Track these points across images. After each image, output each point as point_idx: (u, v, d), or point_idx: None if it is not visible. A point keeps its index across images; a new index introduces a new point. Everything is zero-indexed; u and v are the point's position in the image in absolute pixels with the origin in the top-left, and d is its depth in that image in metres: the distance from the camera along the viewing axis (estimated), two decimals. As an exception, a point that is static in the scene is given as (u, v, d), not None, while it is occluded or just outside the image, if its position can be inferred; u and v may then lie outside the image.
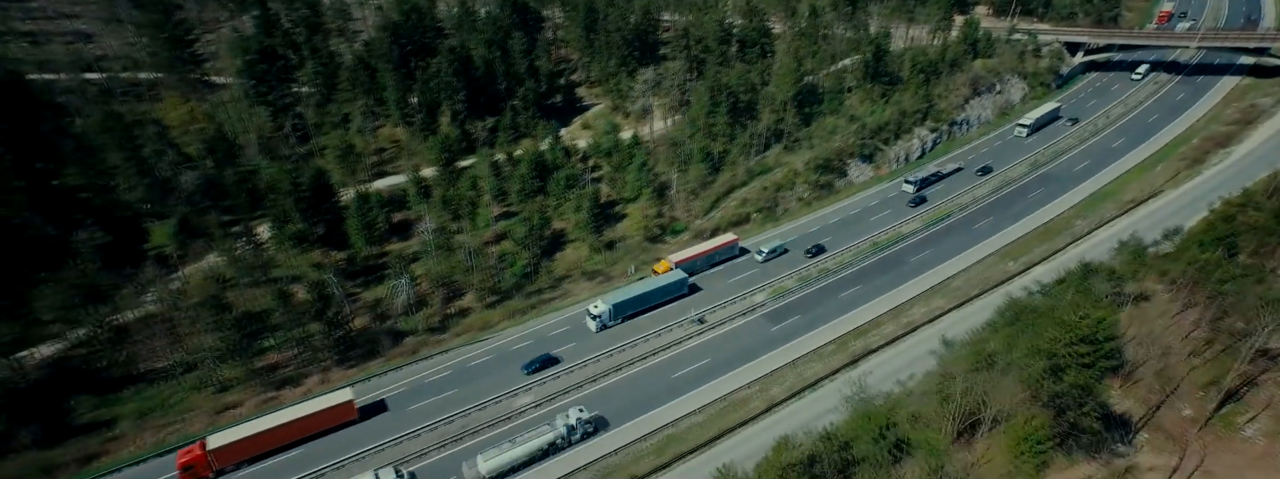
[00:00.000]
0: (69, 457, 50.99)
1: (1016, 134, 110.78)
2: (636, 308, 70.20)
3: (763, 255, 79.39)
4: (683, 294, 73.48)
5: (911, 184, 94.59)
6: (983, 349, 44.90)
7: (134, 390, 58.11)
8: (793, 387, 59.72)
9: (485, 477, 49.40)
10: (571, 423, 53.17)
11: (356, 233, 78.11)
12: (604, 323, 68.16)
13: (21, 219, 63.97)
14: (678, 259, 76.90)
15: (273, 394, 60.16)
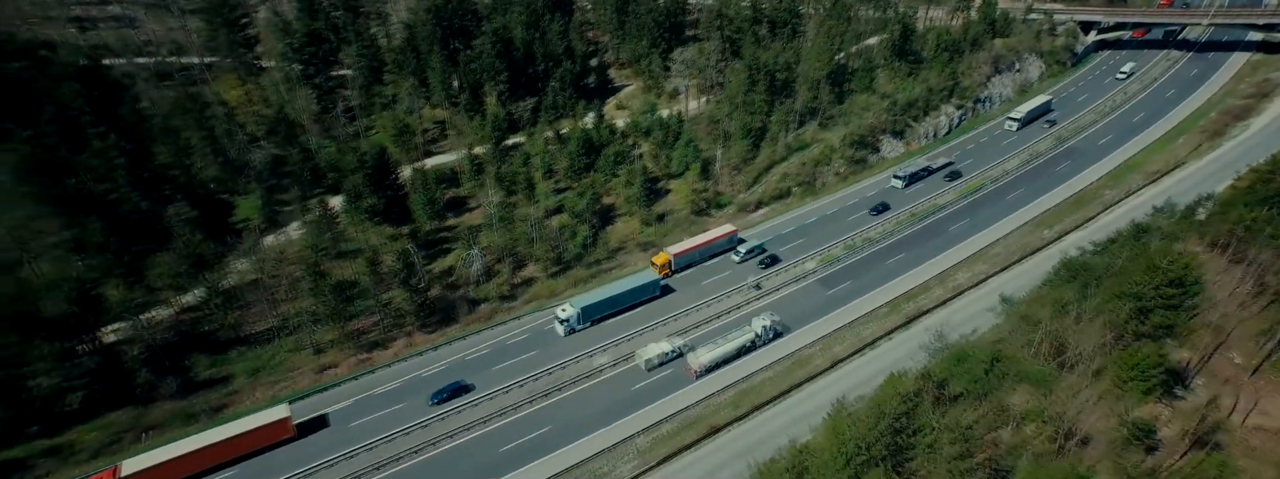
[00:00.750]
0: (199, 408, 53.92)
1: (1007, 128, 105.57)
2: (606, 311, 66.14)
3: (739, 256, 74.85)
4: (655, 296, 69.32)
5: (900, 179, 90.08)
6: (1055, 299, 47.00)
7: (240, 351, 60.49)
8: (853, 345, 62.27)
9: (700, 368, 58.79)
10: (765, 326, 62.29)
11: (420, 207, 79.79)
12: (572, 327, 64.23)
13: (119, 194, 65.56)
14: (676, 251, 73.69)
15: (365, 355, 62.41)
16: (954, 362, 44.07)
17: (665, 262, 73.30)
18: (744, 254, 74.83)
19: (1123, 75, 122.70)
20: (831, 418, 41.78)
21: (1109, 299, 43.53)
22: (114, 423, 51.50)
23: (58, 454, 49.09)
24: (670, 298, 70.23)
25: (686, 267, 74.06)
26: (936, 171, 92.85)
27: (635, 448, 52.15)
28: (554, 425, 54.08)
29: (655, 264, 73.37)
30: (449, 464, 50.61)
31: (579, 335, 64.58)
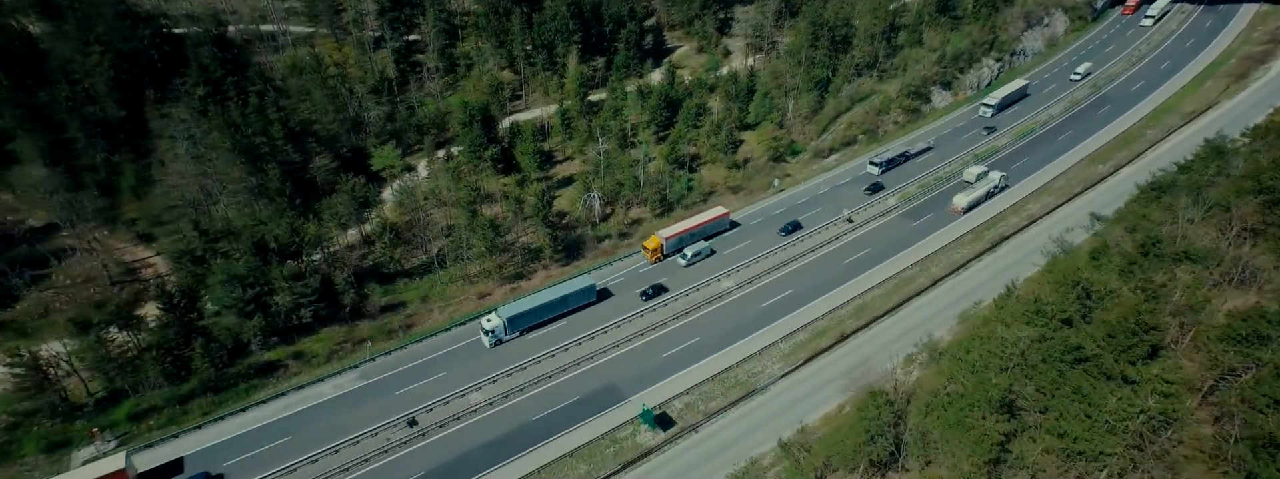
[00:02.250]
0: (393, 326, 57.95)
1: (981, 114, 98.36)
2: (537, 319, 58.83)
3: (686, 259, 67.10)
4: (591, 302, 61.89)
5: (877, 165, 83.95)
6: (1168, 202, 50.90)
7: (404, 282, 64.02)
8: (948, 267, 66.68)
9: (962, 207, 73.46)
10: (1003, 175, 77.29)
11: (526, 157, 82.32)
12: (498, 338, 56.76)
13: (274, 147, 67.62)
14: (668, 234, 68.54)
15: (513, 285, 66.33)
16: (1089, 258, 47.89)
17: (657, 245, 68.10)
18: (690, 259, 67.14)
19: (1076, 77, 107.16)
20: (998, 302, 45.34)
21: (1229, 193, 47.61)
22: (332, 336, 55.81)
23: (299, 358, 53.72)
24: (602, 305, 62.22)
25: (678, 250, 69.01)
26: (913, 157, 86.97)
27: (779, 351, 57.01)
28: (702, 336, 58.71)
29: (647, 248, 68.56)
30: (625, 364, 55.26)
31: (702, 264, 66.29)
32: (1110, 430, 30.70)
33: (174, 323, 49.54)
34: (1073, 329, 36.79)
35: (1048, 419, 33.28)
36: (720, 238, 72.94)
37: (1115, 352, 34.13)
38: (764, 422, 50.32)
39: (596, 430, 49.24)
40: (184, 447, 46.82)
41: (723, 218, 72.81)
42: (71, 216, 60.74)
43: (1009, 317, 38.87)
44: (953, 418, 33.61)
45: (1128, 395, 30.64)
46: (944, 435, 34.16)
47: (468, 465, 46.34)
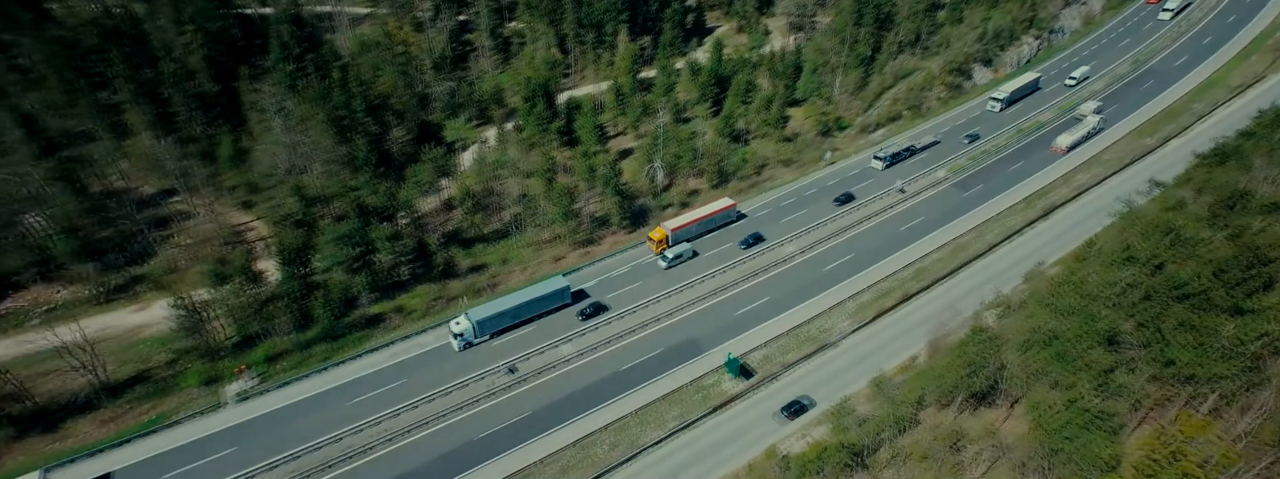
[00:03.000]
0: (479, 285, 60.77)
1: (990, 108, 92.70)
2: (509, 322, 55.51)
3: (666, 261, 63.57)
4: (566, 304, 58.34)
5: (881, 160, 79.42)
6: (1238, 164, 51.49)
7: (482, 246, 66.64)
8: (1003, 232, 67.85)
9: (1065, 146, 78.86)
10: (1102, 117, 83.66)
11: (586, 130, 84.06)
12: (468, 341, 53.73)
13: (355, 119, 70.02)
14: (673, 226, 65.85)
15: (585, 249, 68.70)
16: (1164, 213, 48.69)
17: (662, 237, 65.45)
18: (671, 261, 63.80)
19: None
20: (1080, 254, 46.36)
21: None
22: (426, 293, 58.65)
23: (400, 312, 56.77)
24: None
25: (682, 242, 66.65)
26: (919, 152, 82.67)
27: (845, 310, 59.04)
28: (772, 296, 60.78)
29: (652, 239, 65.87)
30: (703, 320, 57.52)
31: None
32: (1225, 356, 32.35)
33: (294, 277, 52.67)
34: (1169, 271, 37.66)
35: (1151, 351, 34.87)
36: (748, 220, 71.93)
37: (1226, 286, 35.38)
38: (839, 372, 52.56)
39: (683, 378, 51.84)
40: (311, 387, 50.27)
41: (729, 209, 69.54)
42: (184, 184, 63.98)
43: (1095, 265, 40.29)
44: (1055, 352, 35.38)
45: (1244, 323, 32.10)
46: (1043, 368, 36.04)
47: (569, 407, 49.28)
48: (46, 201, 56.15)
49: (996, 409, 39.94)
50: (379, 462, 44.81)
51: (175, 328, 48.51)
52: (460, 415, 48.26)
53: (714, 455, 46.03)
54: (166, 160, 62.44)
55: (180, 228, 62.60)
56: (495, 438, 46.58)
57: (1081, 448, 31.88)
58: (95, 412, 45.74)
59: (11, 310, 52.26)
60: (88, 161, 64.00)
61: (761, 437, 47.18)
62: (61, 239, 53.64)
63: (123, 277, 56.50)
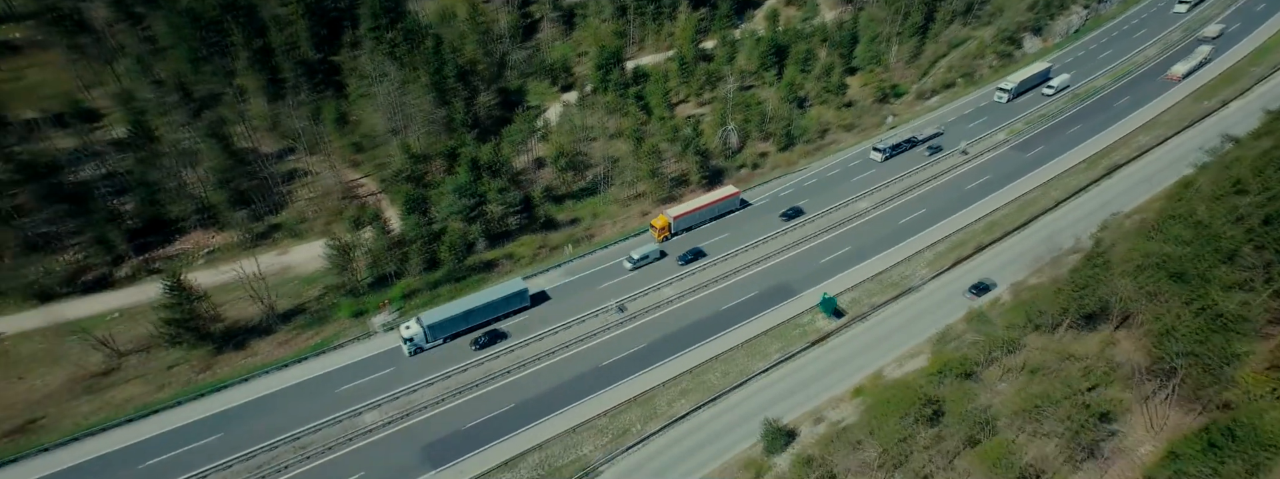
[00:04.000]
0: (578, 237, 63.72)
1: (997, 99, 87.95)
2: (463, 326, 51.94)
3: (632, 263, 59.64)
4: (525, 307, 54.85)
5: (880, 151, 75.27)
6: None
7: (572, 202, 69.46)
8: (1068, 190, 69.16)
9: (1181, 74, 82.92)
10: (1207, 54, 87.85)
11: (656, 96, 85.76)
12: (418, 346, 50.15)
13: (446, 84, 72.52)
14: (676, 214, 63.48)
15: (668, 205, 71.12)
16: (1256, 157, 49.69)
17: (665, 224, 63.01)
18: (636, 262, 59.64)
19: (1049, 91, 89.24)
20: (1175, 193, 47.69)
21: None
22: (531, 242, 61.75)
23: (510, 258, 60.07)
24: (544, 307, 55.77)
25: (687, 229, 64.38)
26: (921, 143, 78.04)
27: (923, 259, 61.33)
28: (852, 247, 63.10)
29: (655, 226, 63.26)
30: (791, 267, 60.09)
31: None
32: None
33: (419, 225, 55.88)
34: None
35: (1274, 270, 36.46)
36: (817, 181, 72.24)
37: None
38: (924, 312, 55.07)
39: (780, 317, 54.73)
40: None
41: (732, 197, 66.69)
42: (304, 144, 67.26)
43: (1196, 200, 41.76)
44: (1169, 272, 37.28)
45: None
46: (1158, 289, 38.11)
47: (678, 341, 52.42)
48: (201, 157, 59.99)
49: (1099, 333, 42.23)
50: (522, 381, 48.67)
51: (327, 267, 52.35)
52: (584, 346, 51.79)
53: (818, 382, 49.31)
54: (293, 121, 65.56)
55: (303, 183, 66.11)
56: (618, 365, 50.08)
57: (1212, 349, 33.81)
58: (272, 335, 50.18)
59: (180, 252, 56.65)
60: (220, 123, 67.35)
61: (861, 368, 50.04)
62: (217, 190, 57.44)
63: (263, 225, 60.31)
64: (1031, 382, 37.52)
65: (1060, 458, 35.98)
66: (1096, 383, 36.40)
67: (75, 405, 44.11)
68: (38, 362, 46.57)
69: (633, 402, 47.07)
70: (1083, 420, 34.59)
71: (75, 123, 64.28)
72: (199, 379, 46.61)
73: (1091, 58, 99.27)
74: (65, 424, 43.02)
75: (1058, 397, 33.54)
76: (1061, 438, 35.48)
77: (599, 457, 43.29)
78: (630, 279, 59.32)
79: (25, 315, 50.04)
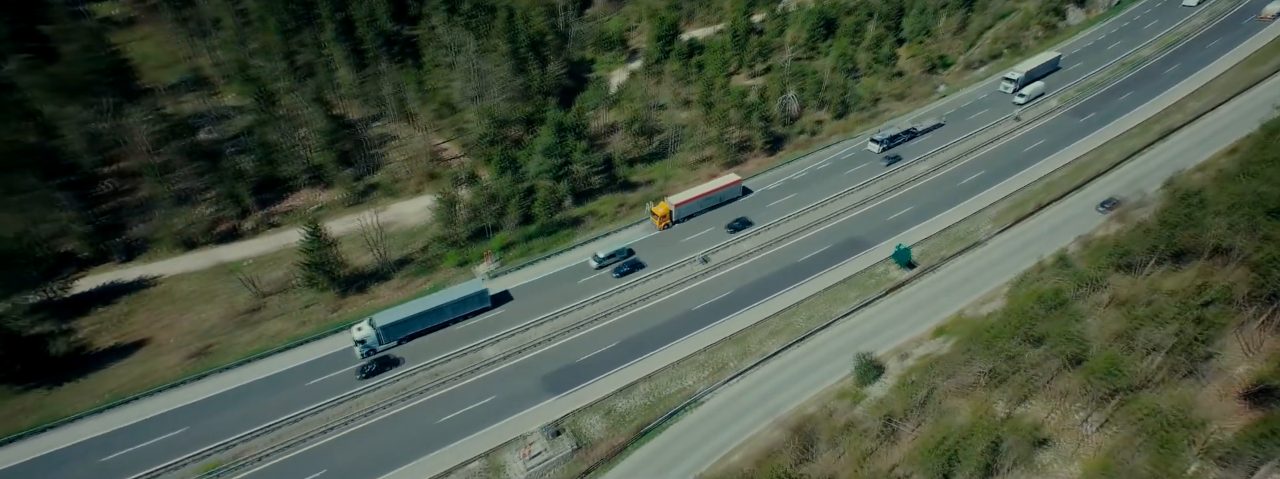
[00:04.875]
0: (653, 196, 65.66)
1: (1003, 89, 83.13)
2: (419, 327, 49.28)
3: (598, 261, 56.24)
4: (485, 308, 51.71)
5: (878, 143, 72.30)
6: None
7: (641, 165, 71.42)
8: (1124, 152, 70.00)
9: (1274, 13, 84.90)
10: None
11: (714, 66, 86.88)
12: (371, 348, 47.39)
13: (519, 54, 74.43)
14: (678, 202, 61.35)
15: (731, 168, 72.98)
16: None
17: (666, 212, 60.96)
18: (602, 261, 56.29)
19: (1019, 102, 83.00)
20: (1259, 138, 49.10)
21: None
22: (612, 200, 64.30)
23: (593, 215, 62.74)
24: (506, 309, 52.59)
25: (688, 217, 62.33)
26: (920, 135, 74.93)
27: (986, 216, 62.87)
28: (915, 206, 64.71)
29: (655, 215, 61.25)
30: (860, 223, 62.00)
31: None
32: None
33: (513, 182, 58.39)
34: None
35: None
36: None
37: None
38: (995, 263, 56.98)
39: (854, 268, 56.86)
40: (542, 269, 56.66)
41: (734, 185, 64.28)
42: (392, 110, 69.81)
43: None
44: (1265, 210, 38.67)
45: None
46: (1255, 224, 39.54)
47: (761, 288, 54.83)
48: (308, 121, 62.86)
49: (1184, 272, 43.84)
50: (621, 322, 51.47)
51: (432, 220, 55.12)
52: (674, 293, 54.39)
53: (898, 324, 51.57)
54: (378, 89, 67.91)
55: (392, 146, 68.79)
56: (709, 309, 52.67)
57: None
58: (388, 281, 53.39)
59: (292, 208, 59.79)
60: (319, 89, 69.64)
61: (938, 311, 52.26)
62: (323, 152, 60.27)
63: (362, 184, 63.18)
64: (1125, 314, 39.27)
65: (1161, 373, 37.65)
66: (1212, 298, 37.94)
67: (237, 335, 48.01)
68: (195, 299, 50.52)
69: (727, 341, 49.78)
70: (1194, 334, 35.93)
71: (194, 89, 66.84)
72: (333, 317, 50.07)
73: (1136, 28, 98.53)
74: (234, 350, 47.12)
75: (1169, 313, 35.30)
76: (1167, 353, 36.87)
77: (702, 387, 46.20)
78: (708, 234, 61.46)
79: (175, 261, 54.08)
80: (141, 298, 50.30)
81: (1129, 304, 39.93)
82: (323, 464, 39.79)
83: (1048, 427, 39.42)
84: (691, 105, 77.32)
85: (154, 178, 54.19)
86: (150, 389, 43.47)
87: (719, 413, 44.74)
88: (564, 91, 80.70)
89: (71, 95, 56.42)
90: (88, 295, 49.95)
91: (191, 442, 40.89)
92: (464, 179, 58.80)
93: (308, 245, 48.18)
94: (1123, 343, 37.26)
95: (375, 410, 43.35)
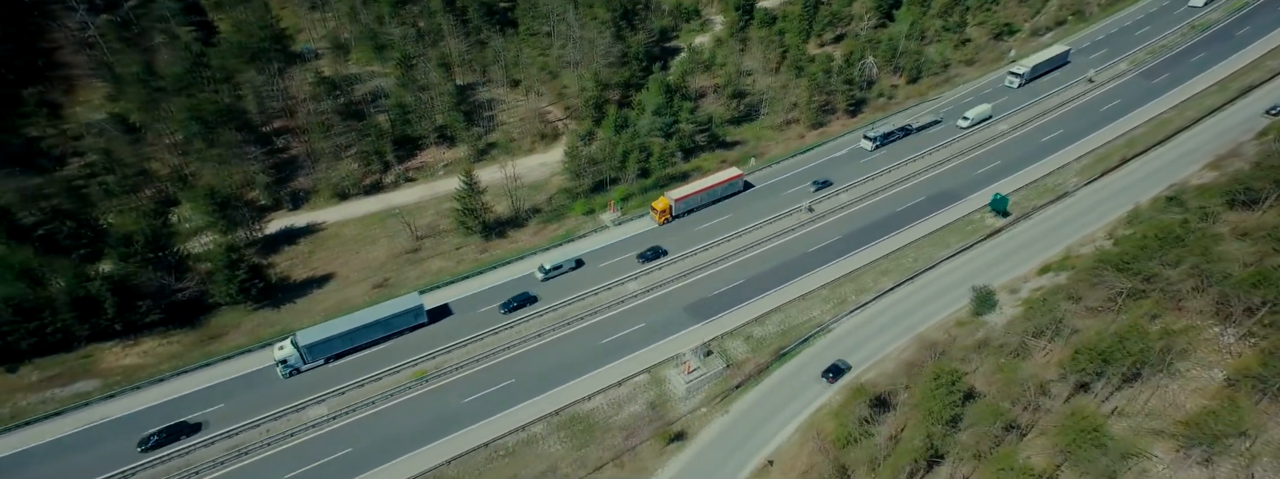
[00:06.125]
0: (749, 155, 68.48)
1: (1008, 83, 78.69)
2: (347, 345, 46.08)
3: (543, 273, 52.78)
4: (421, 324, 48.29)
5: (870, 140, 69.27)
6: None
7: (734, 127, 73.77)
8: (1204, 109, 70.61)
9: None
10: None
11: (792, 34, 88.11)
12: (294, 368, 44.81)
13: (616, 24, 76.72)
14: (678, 196, 58.96)
15: (818, 130, 75.26)
16: None
17: (666, 207, 58.80)
18: (547, 272, 52.61)
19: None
20: None
21: None
22: (713, 157, 67.48)
23: (698, 171, 65.33)
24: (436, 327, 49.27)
25: (688, 212, 60.10)
26: (915, 132, 71.13)
27: (1073, 169, 64.60)
28: (1002, 161, 66.54)
29: (655, 209, 58.84)
30: (950, 177, 64.03)
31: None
32: None
33: (627, 139, 61.34)
34: None
35: None
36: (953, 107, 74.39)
37: None
38: (1085, 211, 59.09)
39: (950, 217, 59.27)
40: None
41: (736, 179, 61.73)
42: (502, 75, 72.89)
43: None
44: None
45: None
46: None
47: (866, 234, 57.65)
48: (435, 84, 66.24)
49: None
50: (741, 264, 54.60)
51: (556, 173, 58.46)
52: (786, 238, 57.49)
53: (1002, 263, 54.28)
54: (484, 56, 70.70)
55: (502, 109, 72.02)
56: (822, 252, 55.80)
57: None
58: (524, 227, 57.26)
59: (424, 164, 63.56)
60: (440, 56, 72.76)
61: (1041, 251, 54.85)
62: (450, 114, 63.67)
63: (482, 143, 66.62)
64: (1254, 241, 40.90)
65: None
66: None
67: (405, 271, 52.39)
68: (360, 242, 54.83)
69: (844, 278, 52.94)
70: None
71: (319, 57, 70.08)
72: (482, 258, 54.04)
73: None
74: (406, 283, 51.54)
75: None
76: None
77: (829, 318, 49.43)
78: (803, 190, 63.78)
79: (332, 210, 58.30)
80: (315, 240, 54.80)
81: (1252, 234, 41.68)
82: (512, 374, 44.19)
83: (1185, 339, 40.73)
84: (778, 70, 79.20)
85: (318, 134, 58.37)
86: (360, 308, 47.14)
87: (847, 338, 48.24)
88: (649, 59, 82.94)
89: (248, 61, 60.65)
90: (273, 237, 54.60)
91: (400, 353, 45.39)
92: (584, 137, 61.87)
93: (463, 193, 51.82)
94: (1253, 267, 39.10)
95: (543, 333, 47.58)
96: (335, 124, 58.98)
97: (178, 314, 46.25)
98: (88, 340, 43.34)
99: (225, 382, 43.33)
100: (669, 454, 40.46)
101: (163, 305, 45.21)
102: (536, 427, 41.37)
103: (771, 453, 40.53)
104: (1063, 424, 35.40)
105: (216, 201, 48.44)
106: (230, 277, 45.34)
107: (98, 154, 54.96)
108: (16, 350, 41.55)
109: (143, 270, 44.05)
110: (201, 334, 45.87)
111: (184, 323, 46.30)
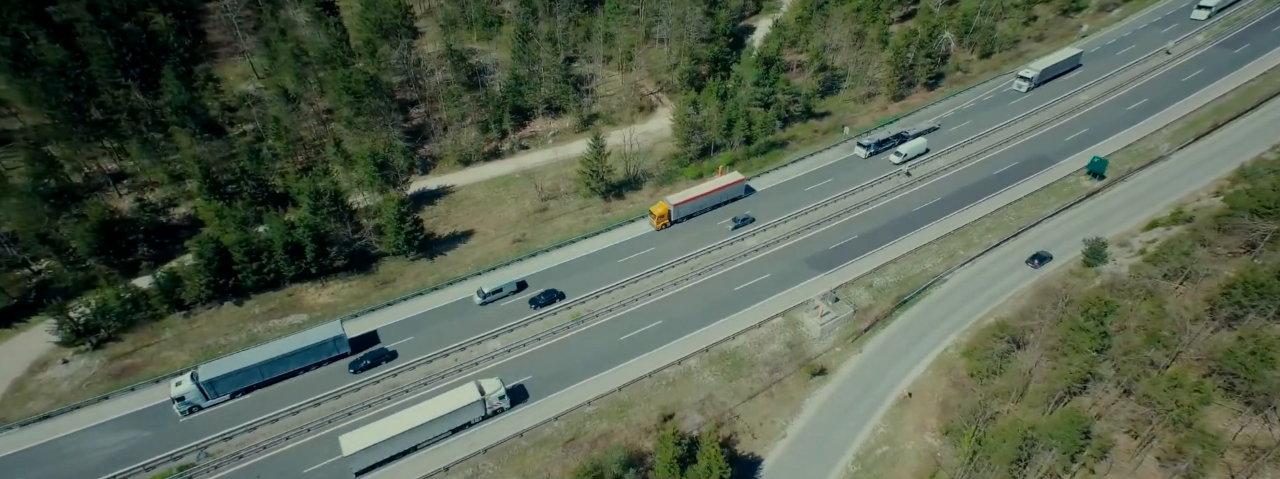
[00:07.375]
0: (834, 125, 69.99)
1: (1016, 87, 74.90)
2: (257, 379, 41.63)
3: (481, 297, 48.82)
4: (342, 354, 43.98)
5: (865, 148, 65.54)
6: None
7: (819, 100, 74.94)
8: (1287, 81, 70.23)
9: None
10: None
11: (867, 12, 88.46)
12: (192, 404, 40.27)
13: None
14: (677, 201, 56.01)
15: (900, 102, 75.99)
16: None
17: (664, 212, 55.80)
18: (486, 296, 48.47)
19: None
20: None
21: None
22: (807, 127, 69.05)
23: (794, 139, 67.41)
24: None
25: (687, 217, 57.30)
26: (910, 139, 66.25)
27: (1163, 135, 64.84)
28: (1090, 128, 67.04)
29: (654, 214, 55.94)
30: (1042, 143, 64.72)
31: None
32: None
33: (732, 108, 63.30)
34: None
35: None
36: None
37: None
38: (1178, 175, 59.72)
39: (1045, 180, 60.30)
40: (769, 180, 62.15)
41: (738, 184, 58.79)
42: (598, 52, 75.17)
43: None
44: None
45: None
46: None
47: (967, 195, 59.05)
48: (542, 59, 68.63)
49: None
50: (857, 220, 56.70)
51: (670, 139, 60.62)
52: (889, 200, 59.14)
53: (1105, 220, 55.28)
54: (574, 33, 72.88)
55: (595, 82, 74.46)
56: (927, 211, 57.56)
57: None
58: (639, 190, 59.96)
59: (535, 133, 66.47)
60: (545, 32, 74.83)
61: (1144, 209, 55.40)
62: (558, 86, 66.31)
63: (585, 114, 69.16)
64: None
65: None
66: None
67: (538, 228, 55.29)
68: (490, 203, 57.87)
69: (952, 234, 54.51)
70: None
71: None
72: (606, 216, 56.71)
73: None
74: (541, 238, 54.51)
75: None
76: None
77: (942, 270, 51.07)
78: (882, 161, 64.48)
79: (457, 174, 61.29)
80: (449, 201, 57.87)
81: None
82: (660, 316, 46.89)
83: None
84: (858, 45, 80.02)
85: (450, 104, 61.18)
86: (506, 261, 50.86)
87: (961, 288, 50.02)
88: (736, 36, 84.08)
89: (383, 36, 63.53)
90: (413, 197, 57.35)
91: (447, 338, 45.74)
92: (692, 105, 63.91)
93: (591, 156, 54.38)
94: None
95: (679, 281, 50.12)
96: (460, 94, 61.74)
97: (355, 262, 50.49)
98: (291, 281, 47.85)
99: (410, 317, 46.54)
100: (813, 386, 42.89)
101: (346, 254, 49.47)
102: (691, 361, 44.05)
103: (908, 386, 42.64)
104: (1227, 348, 36.00)
105: (377, 163, 51.86)
106: (398, 228, 48.88)
107: (258, 121, 58.85)
108: (242, 287, 46.49)
109: (328, 222, 47.93)
110: (376, 279, 49.71)
111: (361, 270, 50.38)
